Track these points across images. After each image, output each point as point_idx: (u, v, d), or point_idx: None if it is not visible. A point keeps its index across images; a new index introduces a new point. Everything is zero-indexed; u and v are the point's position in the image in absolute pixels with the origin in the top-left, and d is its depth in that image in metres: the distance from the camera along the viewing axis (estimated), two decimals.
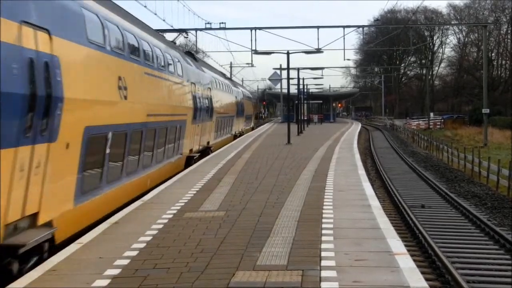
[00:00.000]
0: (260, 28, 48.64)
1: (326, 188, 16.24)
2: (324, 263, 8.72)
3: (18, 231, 9.04)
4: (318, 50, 43.87)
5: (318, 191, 15.69)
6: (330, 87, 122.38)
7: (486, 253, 15.26)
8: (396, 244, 9.85)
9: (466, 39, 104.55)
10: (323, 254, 9.21)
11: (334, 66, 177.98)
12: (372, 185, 19.64)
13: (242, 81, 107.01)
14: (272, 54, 39.64)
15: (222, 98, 36.90)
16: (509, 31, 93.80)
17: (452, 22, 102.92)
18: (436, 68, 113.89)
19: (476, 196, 24.03)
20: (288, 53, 35.86)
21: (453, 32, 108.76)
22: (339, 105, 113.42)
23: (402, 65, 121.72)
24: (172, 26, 46.53)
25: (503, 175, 26.06)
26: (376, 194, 15.86)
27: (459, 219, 19.53)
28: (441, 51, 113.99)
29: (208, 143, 30.19)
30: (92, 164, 12.20)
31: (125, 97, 14.24)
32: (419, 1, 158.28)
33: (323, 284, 7.79)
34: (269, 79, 44.89)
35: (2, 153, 8.30)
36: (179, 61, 22.79)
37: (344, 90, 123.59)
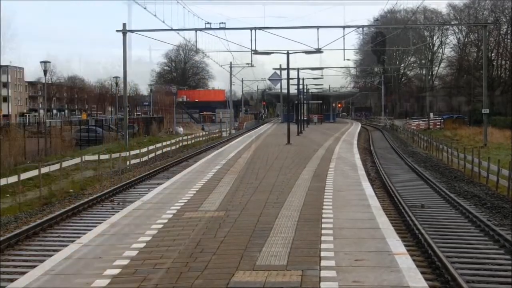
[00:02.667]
0: (260, 28, 48.60)
1: (325, 188, 16.24)
2: (323, 263, 8.72)
3: None
4: (318, 50, 43.87)
5: (318, 191, 15.69)
6: (330, 87, 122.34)
7: (486, 253, 15.25)
8: (396, 244, 9.85)
9: (466, 39, 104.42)
10: (322, 254, 9.21)
11: (334, 66, 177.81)
12: (372, 185, 19.64)
13: (242, 81, 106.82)
14: (272, 54, 39.71)
15: None
16: (509, 31, 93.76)
17: (452, 22, 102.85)
18: (436, 68, 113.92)
19: (476, 196, 24.01)
20: (288, 53, 35.87)
21: (453, 32, 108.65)
22: (339, 105, 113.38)
23: (402, 65, 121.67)
24: (171, 28, 46.55)
25: (503, 175, 26.05)
26: (375, 194, 15.87)
27: (459, 219, 19.52)
28: (440, 51, 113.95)
29: None
30: None
31: None
32: (419, 1, 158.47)
33: (322, 284, 7.79)
34: (269, 79, 44.89)
35: None
36: None
37: (344, 90, 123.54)
